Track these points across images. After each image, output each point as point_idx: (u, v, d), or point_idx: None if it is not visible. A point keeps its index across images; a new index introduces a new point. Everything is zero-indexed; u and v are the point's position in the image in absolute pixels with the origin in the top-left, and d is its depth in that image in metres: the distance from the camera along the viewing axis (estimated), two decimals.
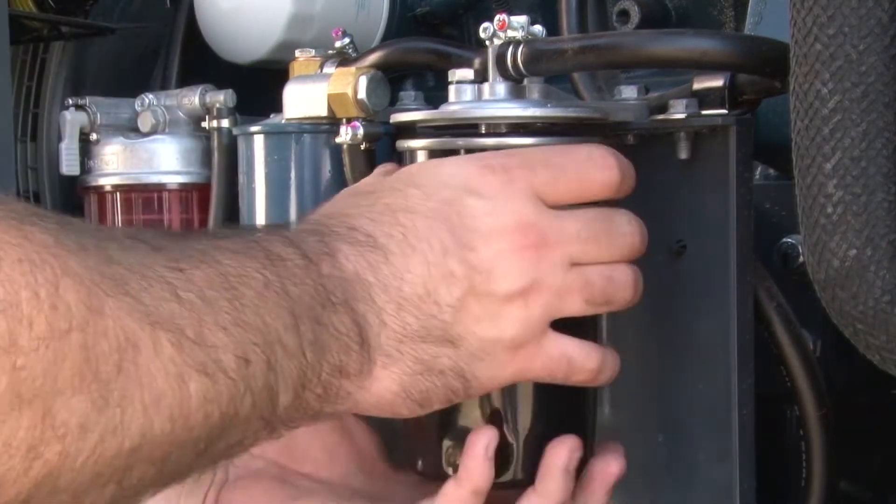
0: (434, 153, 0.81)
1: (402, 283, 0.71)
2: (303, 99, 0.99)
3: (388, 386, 0.72)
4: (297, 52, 1.06)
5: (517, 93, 0.84)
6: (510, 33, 0.83)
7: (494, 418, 0.79)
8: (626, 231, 0.78)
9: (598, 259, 0.76)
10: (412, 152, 0.82)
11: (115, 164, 1.22)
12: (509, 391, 0.79)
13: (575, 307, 0.76)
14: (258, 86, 1.17)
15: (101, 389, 0.57)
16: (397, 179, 0.76)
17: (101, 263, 0.60)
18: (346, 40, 1.05)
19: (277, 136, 1.03)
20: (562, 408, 0.81)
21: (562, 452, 0.77)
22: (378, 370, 0.71)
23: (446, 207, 0.73)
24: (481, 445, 0.76)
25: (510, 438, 0.79)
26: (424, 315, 0.72)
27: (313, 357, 0.68)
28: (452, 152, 0.80)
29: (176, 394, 0.60)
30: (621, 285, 0.78)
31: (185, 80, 1.30)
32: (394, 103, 1.01)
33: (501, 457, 0.78)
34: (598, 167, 0.77)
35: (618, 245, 0.77)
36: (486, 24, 0.84)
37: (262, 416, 0.66)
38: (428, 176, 0.75)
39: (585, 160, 0.77)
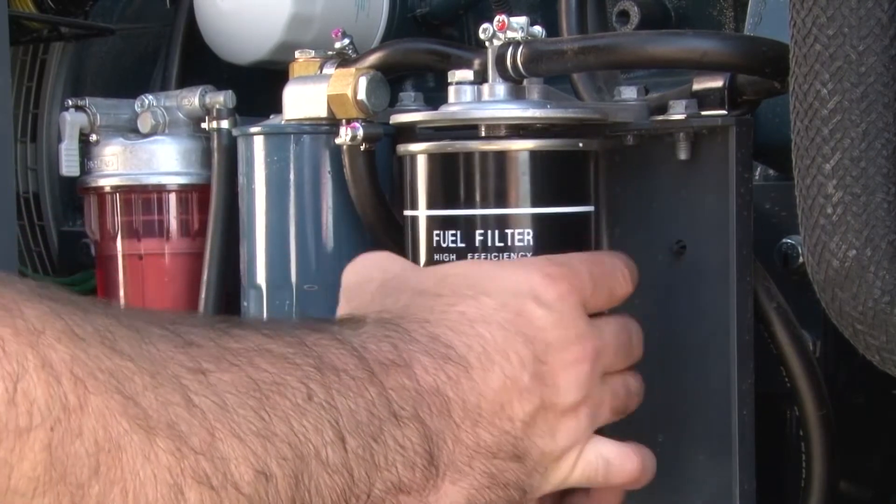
0: (433, 156, 0.81)
1: (481, 399, 0.70)
2: (303, 100, 0.99)
3: (454, 500, 0.70)
4: (297, 53, 1.06)
5: (517, 93, 0.84)
6: (510, 34, 0.83)
7: None
8: (637, 342, 0.80)
9: (619, 368, 0.78)
10: (412, 156, 0.82)
11: (115, 164, 1.22)
12: None
13: (605, 417, 0.77)
14: (258, 86, 1.17)
15: (70, 493, 0.55)
16: (464, 284, 0.74)
17: (98, 356, 0.57)
18: (346, 41, 1.05)
19: (277, 137, 1.03)
20: None
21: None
22: (447, 485, 0.69)
23: (520, 319, 0.72)
24: None
25: None
26: (498, 431, 0.70)
27: (363, 474, 0.65)
28: (451, 155, 0.80)
29: None
30: (635, 393, 0.80)
31: (185, 81, 1.30)
32: (394, 104, 1.01)
33: None
34: (621, 281, 0.78)
35: (633, 355, 0.79)
36: (485, 25, 0.84)
37: None
38: (494, 283, 0.74)
39: (613, 272, 0.78)
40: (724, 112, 0.85)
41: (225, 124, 1.17)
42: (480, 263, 0.78)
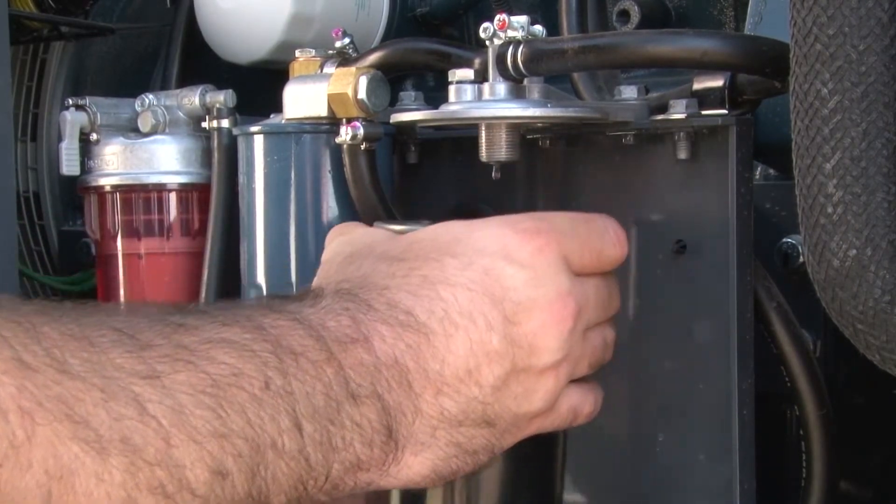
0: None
1: (444, 366, 0.68)
2: (303, 99, 0.99)
3: (418, 471, 0.69)
4: (298, 53, 1.06)
5: (517, 93, 0.84)
6: (510, 33, 0.83)
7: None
8: (615, 295, 0.78)
9: (598, 323, 0.76)
10: None
11: (115, 164, 1.22)
12: (476, 480, 0.76)
13: (583, 371, 0.75)
14: (258, 86, 1.17)
15: None
16: (430, 247, 0.72)
17: (46, 383, 0.56)
18: (347, 40, 1.05)
19: (277, 137, 1.02)
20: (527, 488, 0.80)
21: None
22: (408, 457, 0.68)
23: (487, 278, 0.70)
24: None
25: None
26: (464, 398, 0.69)
27: (319, 458, 0.64)
28: None
29: None
30: (610, 345, 0.78)
31: (185, 80, 1.30)
32: (394, 103, 1.01)
33: None
34: (613, 243, 0.76)
35: (612, 308, 0.77)
36: (486, 24, 0.84)
37: None
38: (462, 243, 0.71)
39: (603, 231, 0.76)
40: (724, 111, 0.85)
41: (225, 123, 1.17)
42: (451, 225, 0.74)
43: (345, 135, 0.95)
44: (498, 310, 0.69)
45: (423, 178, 1.00)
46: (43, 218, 1.51)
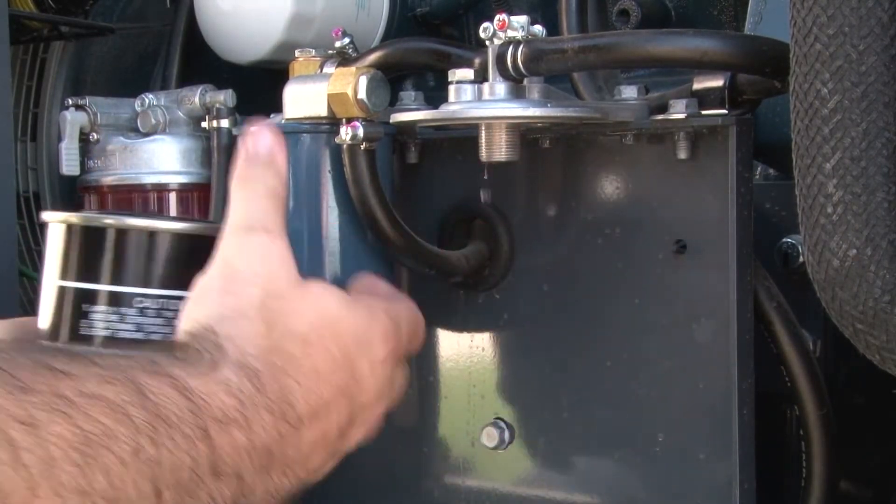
0: (87, 230, 0.81)
1: (297, 454, 0.74)
2: (303, 99, 0.99)
3: None
4: (298, 52, 1.06)
5: (517, 93, 0.84)
6: (510, 33, 0.83)
7: None
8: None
9: None
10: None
11: (115, 164, 1.22)
12: None
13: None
14: (258, 86, 1.17)
15: None
16: (330, 334, 0.78)
17: None
18: (347, 40, 1.05)
19: None
20: None
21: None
22: None
23: (351, 381, 0.78)
24: None
25: None
26: (295, 479, 0.75)
27: None
28: (98, 230, 0.81)
29: None
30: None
31: (185, 80, 1.30)
32: (394, 103, 1.01)
33: None
34: (421, 337, 0.87)
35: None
36: (486, 24, 0.84)
37: None
38: (345, 339, 0.78)
39: (420, 328, 0.87)
40: (724, 111, 0.85)
41: (225, 123, 1.17)
42: (344, 307, 0.80)
43: (345, 135, 0.95)
44: (348, 410, 0.78)
45: (423, 178, 1.00)
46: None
